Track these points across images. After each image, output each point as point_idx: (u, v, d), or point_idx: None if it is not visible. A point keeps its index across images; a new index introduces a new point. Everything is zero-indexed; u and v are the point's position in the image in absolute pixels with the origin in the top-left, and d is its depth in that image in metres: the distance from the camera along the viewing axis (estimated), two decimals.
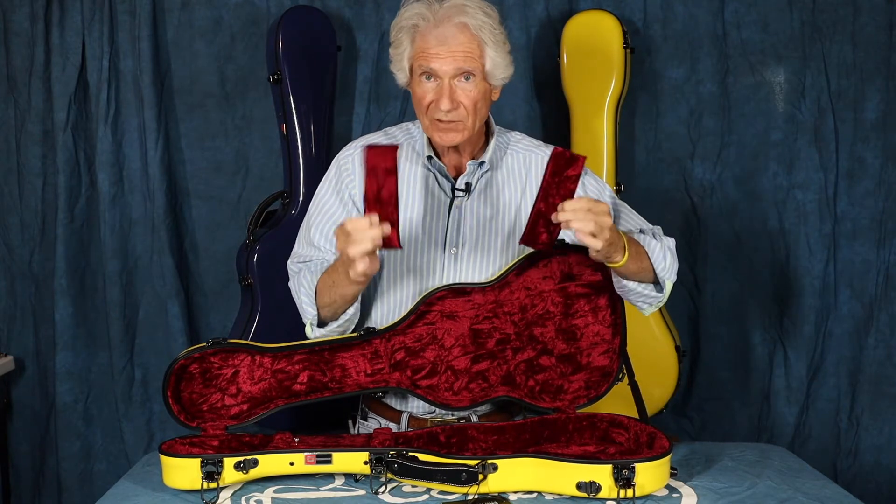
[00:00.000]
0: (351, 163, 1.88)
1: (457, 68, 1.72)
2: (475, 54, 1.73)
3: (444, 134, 1.77)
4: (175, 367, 1.72)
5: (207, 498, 1.61)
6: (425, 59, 1.72)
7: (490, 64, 1.75)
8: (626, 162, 2.95)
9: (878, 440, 2.98)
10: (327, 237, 1.85)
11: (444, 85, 1.73)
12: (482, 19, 1.73)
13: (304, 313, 1.80)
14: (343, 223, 1.61)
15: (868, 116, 2.92)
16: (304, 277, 1.80)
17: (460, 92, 1.73)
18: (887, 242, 2.94)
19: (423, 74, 1.74)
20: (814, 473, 1.76)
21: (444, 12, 1.73)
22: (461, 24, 1.72)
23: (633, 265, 1.73)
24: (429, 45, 1.72)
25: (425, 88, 1.75)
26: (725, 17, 2.91)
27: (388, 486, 1.65)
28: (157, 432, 2.98)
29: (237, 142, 2.96)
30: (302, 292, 1.78)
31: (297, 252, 1.89)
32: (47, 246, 2.96)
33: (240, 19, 2.92)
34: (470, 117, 1.76)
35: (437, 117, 1.75)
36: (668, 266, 1.79)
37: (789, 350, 2.98)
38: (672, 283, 1.81)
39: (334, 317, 1.79)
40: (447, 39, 1.71)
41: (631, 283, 1.77)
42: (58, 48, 2.87)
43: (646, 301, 1.83)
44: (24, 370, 3.02)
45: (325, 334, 1.80)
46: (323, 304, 1.77)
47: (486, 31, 1.73)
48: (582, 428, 1.79)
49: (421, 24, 1.74)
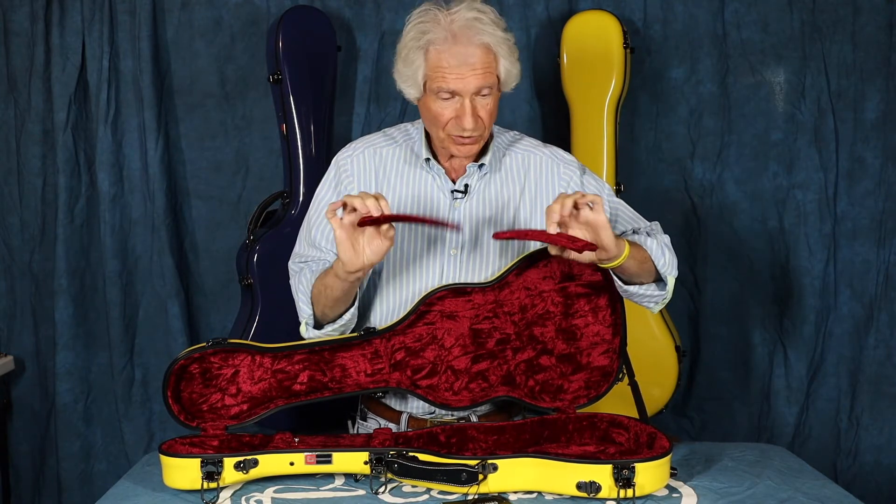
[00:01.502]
0: (350, 164, 1.88)
1: (478, 86, 1.70)
2: (492, 68, 1.72)
3: (462, 148, 1.77)
4: (175, 367, 1.72)
5: (207, 498, 1.61)
6: (444, 80, 1.69)
7: (504, 74, 1.75)
8: (626, 162, 2.95)
9: (878, 440, 2.98)
10: (328, 237, 1.85)
11: (466, 104, 1.71)
12: (498, 35, 1.71)
13: (301, 312, 1.80)
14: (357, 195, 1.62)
15: (868, 116, 2.92)
16: (303, 277, 1.80)
17: (480, 107, 1.73)
18: (887, 242, 2.94)
19: (442, 93, 1.72)
20: (814, 473, 1.75)
21: (461, 31, 1.69)
22: (482, 44, 1.69)
23: (633, 265, 1.73)
24: (448, 64, 1.69)
25: (443, 106, 1.73)
26: (725, 17, 2.91)
27: (388, 486, 1.65)
28: (157, 432, 2.98)
29: (237, 142, 2.96)
30: (300, 291, 1.79)
31: (298, 252, 1.90)
32: (47, 246, 2.96)
33: (240, 19, 2.92)
34: (487, 129, 1.77)
35: (457, 133, 1.74)
36: (668, 262, 1.78)
37: (789, 350, 2.98)
38: (674, 278, 1.80)
39: (332, 318, 1.79)
40: (467, 59, 1.68)
41: (632, 288, 1.77)
42: (58, 48, 2.87)
43: (651, 300, 1.82)
44: (24, 370, 3.02)
45: (320, 336, 1.80)
46: (320, 304, 1.77)
47: (501, 45, 1.72)
48: (582, 428, 1.79)
49: (436, 43, 1.70)
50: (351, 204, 1.61)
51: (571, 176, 1.89)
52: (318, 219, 1.88)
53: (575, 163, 1.92)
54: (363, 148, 1.89)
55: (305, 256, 1.87)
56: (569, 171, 1.89)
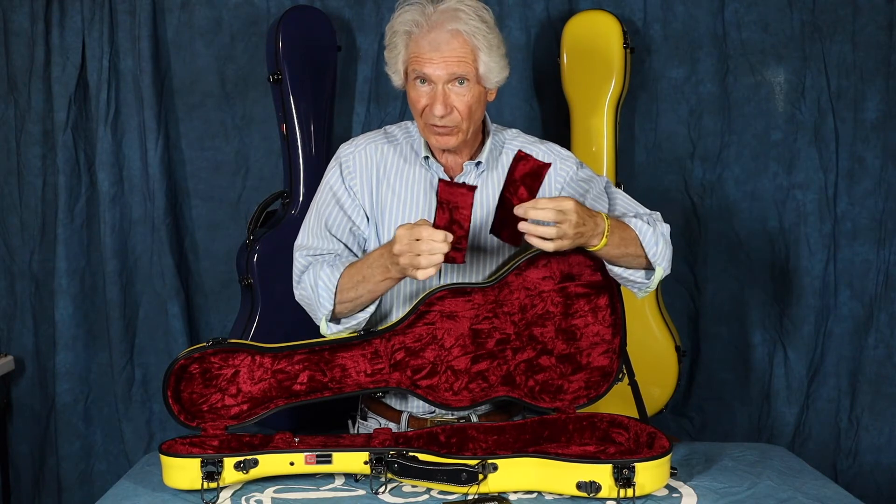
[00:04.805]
0: (353, 160, 1.88)
1: (450, 74, 1.72)
2: (468, 59, 1.73)
3: (439, 137, 1.78)
4: (175, 367, 1.72)
5: (207, 498, 1.61)
6: (419, 63, 1.73)
7: (484, 68, 1.75)
8: (626, 162, 2.95)
9: (878, 440, 2.98)
10: (343, 229, 1.85)
11: (438, 90, 1.73)
12: (475, 25, 1.72)
13: (319, 308, 1.77)
14: (416, 227, 1.61)
15: (868, 116, 2.92)
16: (322, 271, 1.77)
17: (454, 97, 1.74)
18: (887, 242, 2.94)
19: (417, 78, 1.75)
20: (814, 473, 1.76)
21: (438, 18, 1.73)
22: (454, 30, 1.72)
23: (616, 250, 1.72)
24: (422, 49, 1.72)
25: (419, 92, 1.76)
26: (725, 17, 2.91)
27: (388, 486, 1.65)
28: (157, 432, 2.98)
29: (237, 142, 2.96)
30: (320, 286, 1.76)
31: (307, 244, 1.86)
32: (47, 246, 2.96)
33: (240, 19, 2.92)
34: (465, 121, 1.76)
35: (431, 122, 1.76)
36: (660, 252, 1.77)
37: (789, 350, 2.98)
38: (663, 269, 1.79)
39: (351, 313, 1.78)
40: (440, 45, 1.71)
41: (617, 269, 1.78)
42: (58, 48, 2.87)
43: (634, 286, 1.83)
44: (24, 370, 3.02)
45: (339, 331, 1.79)
46: (344, 299, 1.76)
47: (479, 37, 1.73)
48: (582, 428, 1.79)
49: (415, 29, 1.73)
50: (443, 258, 1.61)
51: (568, 171, 1.89)
52: (329, 210, 1.86)
53: (571, 158, 1.92)
54: (364, 144, 1.89)
55: (316, 249, 1.85)
56: (565, 166, 1.90)
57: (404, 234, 1.62)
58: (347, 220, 1.86)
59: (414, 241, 1.60)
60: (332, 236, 1.85)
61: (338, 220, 1.85)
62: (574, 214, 1.61)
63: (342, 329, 1.80)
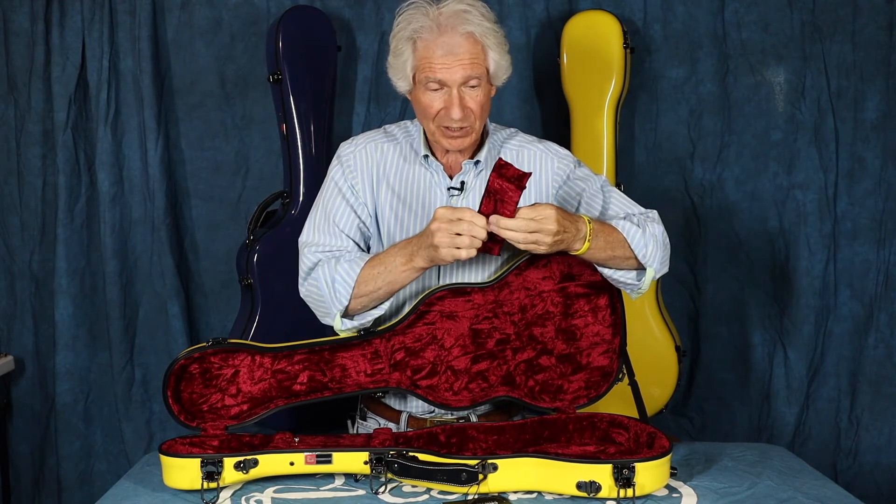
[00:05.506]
0: (353, 159, 1.88)
1: (465, 76, 1.72)
2: (480, 59, 1.73)
3: (453, 140, 1.78)
4: (175, 367, 1.72)
5: (207, 498, 1.61)
6: (431, 69, 1.72)
7: (493, 66, 1.76)
8: (626, 162, 2.95)
9: (878, 440, 2.98)
10: (350, 225, 1.84)
11: (454, 94, 1.72)
12: (486, 25, 1.73)
13: (333, 303, 1.76)
14: (460, 208, 1.61)
15: (868, 116, 2.92)
16: (340, 265, 1.76)
17: (468, 98, 1.74)
18: (887, 242, 2.94)
19: (430, 83, 1.74)
20: (814, 473, 1.76)
21: (447, 21, 1.72)
22: (467, 33, 1.71)
23: (601, 253, 1.72)
24: (434, 54, 1.71)
25: (432, 97, 1.75)
26: (725, 17, 2.91)
27: (388, 486, 1.65)
28: (157, 432, 2.98)
29: (237, 142, 2.96)
30: (337, 280, 1.75)
31: (314, 241, 1.85)
32: (47, 246, 2.96)
33: (240, 19, 2.92)
34: (478, 121, 1.77)
35: (446, 125, 1.76)
36: (651, 253, 1.75)
37: (789, 350, 2.98)
38: (654, 270, 1.77)
39: (364, 308, 1.77)
40: (454, 49, 1.71)
41: (606, 271, 1.77)
42: (58, 48, 2.87)
43: (626, 287, 1.82)
44: (24, 370, 3.02)
45: (354, 327, 1.79)
46: (361, 293, 1.75)
47: (489, 36, 1.74)
48: (582, 428, 1.79)
49: (422, 33, 1.73)
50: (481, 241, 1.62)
51: (565, 170, 1.89)
52: (337, 206, 1.85)
53: (569, 157, 1.92)
54: (364, 143, 1.89)
55: (325, 245, 1.84)
56: (563, 165, 1.90)
57: (445, 213, 1.61)
58: (354, 216, 1.85)
59: (456, 219, 1.60)
60: (341, 232, 1.84)
61: (345, 217, 1.85)
62: (553, 223, 1.61)
63: (356, 325, 1.79)
